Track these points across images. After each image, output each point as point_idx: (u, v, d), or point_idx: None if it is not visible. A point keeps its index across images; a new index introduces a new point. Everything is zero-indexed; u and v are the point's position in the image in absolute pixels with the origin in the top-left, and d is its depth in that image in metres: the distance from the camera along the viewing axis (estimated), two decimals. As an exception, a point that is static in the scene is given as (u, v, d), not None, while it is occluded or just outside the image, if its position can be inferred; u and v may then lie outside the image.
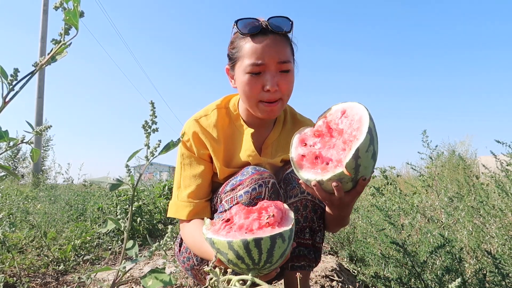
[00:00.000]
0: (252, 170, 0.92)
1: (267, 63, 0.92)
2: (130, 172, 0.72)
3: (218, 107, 1.08)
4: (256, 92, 0.94)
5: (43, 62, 0.50)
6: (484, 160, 3.26)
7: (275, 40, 0.93)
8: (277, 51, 0.93)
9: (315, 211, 0.97)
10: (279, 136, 1.10)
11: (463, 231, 1.44)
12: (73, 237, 2.10)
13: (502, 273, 1.02)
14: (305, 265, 0.97)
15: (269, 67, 0.93)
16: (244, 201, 0.87)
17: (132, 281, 1.57)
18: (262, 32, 0.93)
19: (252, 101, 0.97)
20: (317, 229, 0.99)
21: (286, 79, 0.95)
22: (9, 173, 0.64)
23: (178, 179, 1.04)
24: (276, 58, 0.92)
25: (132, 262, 0.67)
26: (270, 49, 0.92)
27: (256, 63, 0.92)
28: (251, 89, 0.94)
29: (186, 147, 1.04)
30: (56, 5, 0.50)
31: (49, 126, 0.63)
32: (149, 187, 4.21)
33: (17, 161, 14.86)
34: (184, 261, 1.05)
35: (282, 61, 0.93)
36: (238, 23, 0.94)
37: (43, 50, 9.58)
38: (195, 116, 1.06)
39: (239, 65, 0.96)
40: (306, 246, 0.97)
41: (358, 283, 1.52)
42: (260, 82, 0.93)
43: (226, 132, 1.06)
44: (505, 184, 1.45)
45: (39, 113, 9.69)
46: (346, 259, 1.93)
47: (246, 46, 0.94)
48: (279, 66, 0.93)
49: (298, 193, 0.95)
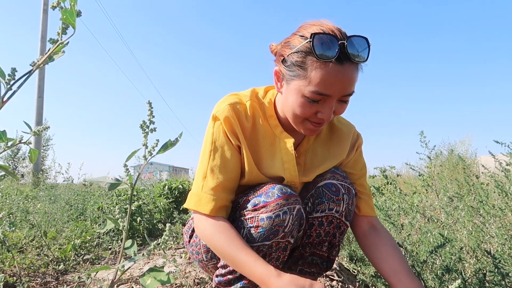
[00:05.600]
0: (278, 193, 0.85)
1: (332, 96, 0.80)
2: (128, 172, 0.72)
3: (252, 98, 0.96)
4: (307, 116, 0.84)
5: (40, 62, 0.50)
6: (484, 160, 3.26)
7: (348, 71, 0.78)
8: (347, 85, 0.79)
9: (339, 227, 0.94)
10: (314, 144, 1.01)
11: (463, 231, 1.44)
12: (73, 236, 2.10)
13: (502, 273, 1.02)
14: (314, 272, 0.97)
15: (333, 98, 0.81)
16: (265, 226, 0.84)
17: (132, 280, 1.57)
18: (337, 59, 0.76)
19: (299, 120, 0.86)
20: (336, 244, 0.97)
21: (343, 108, 0.85)
22: (8, 173, 0.64)
23: (204, 168, 0.91)
24: (343, 92, 0.80)
25: (130, 261, 0.67)
26: (341, 82, 0.78)
27: (320, 93, 0.79)
28: (303, 112, 0.83)
29: (219, 133, 0.91)
30: (53, 5, 0.50)
31: (47, 127, 0.63)
32: (149, 187, 4.21)
33: (17, 161, 14.87)
34: (193, 253, 1.02)
35: (348, 94, 0.81)
36: (314, 39, 0.76)
37: (43, 50, 9.58)
38: (229, 100, 0.92)
39: (299, 83, 0.81)
40: (320, 257, 0.96)
41: (358, 283, 1.52)
42: (315, 108, 0.82)
43: (258, 129, 0.95)
44: (505, 184, 1.45)
45: (39, 113, 9.69)
46: (346, 258, 1.93)
47: (316, 70, 0.78)
48: (342, 98, 0.83)
49: (326, 209, 0.92)
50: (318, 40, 0.76)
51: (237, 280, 0.89)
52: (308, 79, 0.79)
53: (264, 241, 0.85)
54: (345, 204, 0.92)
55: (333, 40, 0.75)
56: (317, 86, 0.78)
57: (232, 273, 0.89)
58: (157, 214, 3.19)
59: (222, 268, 0.91)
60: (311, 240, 0.95)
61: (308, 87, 0.79)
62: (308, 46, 0.78)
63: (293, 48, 0.81)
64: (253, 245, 0.85)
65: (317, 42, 0.76)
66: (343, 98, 0.82)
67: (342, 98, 0.82)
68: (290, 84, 0.84)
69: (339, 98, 0.82)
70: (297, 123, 0.88)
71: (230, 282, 0.90)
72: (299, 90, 0.81)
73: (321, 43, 0.76)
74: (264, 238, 0.84)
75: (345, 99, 0.83)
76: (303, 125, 0.87)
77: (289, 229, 0.85)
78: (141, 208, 2.80)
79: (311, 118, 0.85)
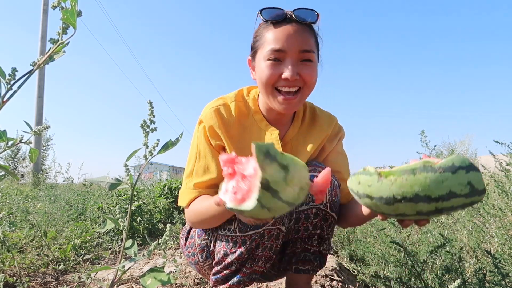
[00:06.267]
0: None
1: (288, 50, 0.88)
2: (129, 172, 0.72)
3: (237, 98, 1.03)
4: (273, 79, 0.90)
5: (41, 62, 0.50)
6: (484, 160, 3.25)
7: (298, 28, 0.90)
8: (300, 39, 0.88)
9: (325, 219, 0.96)
10: (298, 133, 1.06)
11: (463, 231, 1.44)
12: (73, 236, 2.10)
13: (502, 273, 1.02)
14: (309, 269, 0.97)
15: (290, 55, 0.88)
16: None
17: (132, 280, 1.57)
18: (286, 21, 0.90)
19: (269, 89, 0.92)
20: (325, 237, 0.98)
21: (308, 69, 0.90)
22: (8, 173, 0.64)
23: (189, 168, 0.99)
24: (298, 46, 0.88)
25: (130, 261, 0.67)
26: (293, 36, 0.88)
27: (276, 49, 0.88)
28: (269, 75, 0.89)
29: (203, 136, 0.98)
30: (54, 5, 0.50)
31: (48, 127, 0.63)
32: (149, 187, 4.21)
33: (17, 161, 14.87)
34: (189, 256, 1.05)
35: (305, 49, 0.89)
36: (262, 12, 0.92)
37: (43, 50, 9.59)
38: (213, 104, 1.00)
39: (260, 53, 0.92)
40: (312, 253, 0.97)
41: (358, 283, 1.52)
42: (279, 69, 0.89)
43: (244, 126, 1.01)
44: (505, 184, 1.45)
45: (39, 113, 9.69)
46: (346, 258, 1.93)
47: (268, 33, 0.91)
48: (301, 55, 0.89)
49: (310, 201, 0.94)
50: (265, 11, 0.92)
51: (233, 275, 0.91)
52: (264, 44, 0.91)
53: (256, 228, 0.87)
54: (328, 195, 0.94)
55: (279, 9, 0.91)
56: (271, 43, 0.89)
57: (227, 268, 0.90)
58: (157, 214, 3.19)
59: (217, 264, 0.92)
60: (300, 235, 0.96)
61: (265, 49, 0.90)
62: (260, 20, 0.93)
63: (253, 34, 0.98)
64: (245, 234, 0.87)
65: (265, 11, 0.92)
66: (302, 56, 0.89)
67: (301, 56, 0.89)
68: (256, 60, 0.95)
69: (298, 57, 0.89)
70: (269, 96, 0.94)
71: (227, 278, 0.91)
72: (261, 58, 0.92)
73: (268, 11, 0.92)
74: (255, 225, 0.86)
75: (305, 56, 0.90)
76: (275, 98, 0.93)
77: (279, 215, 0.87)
78: (141, 208, 2.80)
79: (278, 83, 0.91)
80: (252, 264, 0.90)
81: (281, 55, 0.89)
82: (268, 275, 1.09)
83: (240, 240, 0.88)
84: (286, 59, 0.89)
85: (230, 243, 0.89)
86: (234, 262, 0.89)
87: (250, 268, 0.90)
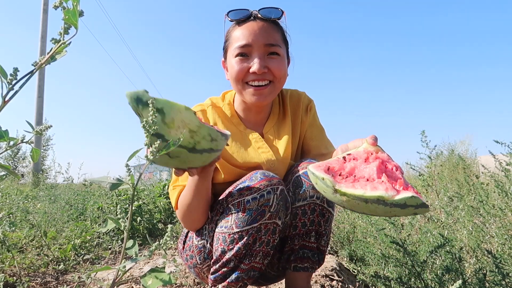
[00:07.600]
0: (261, 176, 0.90)
1: (254, 44, 0.94)
2: (130, 172, 0.72)
3: (212, 104, 1.08)
4: (242, 74, 0.96)
5: (43, 62, 0.50)
6: (484, 160, 3.26)
7: (263, 24, 0.96)
8: (265, 34, 0.95)
9: (322, 215, 0.96)
10: (274, 127, 1.09)
11: (463, 231, 1.44)
12: (73, 236, 2.10)
13: (502, 273, 1.02)
14: (308, 267, 0.97)
15: (256, 49, 0.94)
16: (251, 207, 0.87)
17: (132, 280, 1.57)
18: (250, 19, 0.97)
19: (239, 84, 0.98)
20: (323, 232, 0.98)
21: (276, 62, 0.96)
22: (9, 172, 0.64)
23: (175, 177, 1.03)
24: (264, 40, 0.94)
25: (131, 261, 0.67)
26: (258, 31, 0.95)
27: (242, 44, 0.94)
28: (238, 70, 0.95)
29: None
30: (55, 5, 0.50)
31: (49, 126, 0.63)
32: (149, 187, 4.21)
33: (17, 161, 14.86)
34: (187, 259, 1.05)
35: (270, 43, 0.95)
36: (229, 14, 0.99)
37: (43, 49, 9.58)
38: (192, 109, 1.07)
39: (229, 52, 0.99)
40: (310, 249, 0.97)
41: (358, 283, 1.53)
42: (247, 64, 0.95)
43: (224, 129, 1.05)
44: (505, 184, 1.45)
45: (39, 113, 9.68)
46: (346, 258, 1.93)
47: (235, 32, 0.98)
48: (267, 48, 0.95)
49: (307, 196, 0.94)
50: (232, 12, 0.99)
51: (231, 272, 0.91)
52: (232, 42, 0.97)
53: (253, 223, 0.87)
54: None
55: (245, 9, 0.98)
56: (238, 40, 0.95)
57: (226, 265, 0.90)
58: (157, 214, 3.19)
59: (215, 263, 0.92)
60: (297, 231, 0.97)
61: (233, 47, 0.96)
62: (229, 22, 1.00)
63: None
64: (242, 229, 0.88)
65: (231, 13, 0.99)
66: (268, 49, 0.95)
67: (267, 49, 0.95)
68: (227, 59, 1.01)
69: (264, 51, 0.95)
70: (241, 90, 0.99)
71: (225, 275, 0.91)
72: (230, 56, 0.98)
73: (234, 12, 0.98)
74: (252, 220, 0.87)
75: (271, 50, 0.95)
76: (246, 92, 0.97)
77: (274, 209, 0.88)
78: (141, 208, 2.80)
79: (248, 78, 0.96)
80: (250, 259, 0.90)
81: (248, 50, 0.95)
82: (267, 276, 1.09)
83: (237, 236, 0.88)
84: (253, 53, 0.95)
85: (228, 240, 0.90)
86: (232, 258, 0.89)
87: (248, 264, 0.90)
